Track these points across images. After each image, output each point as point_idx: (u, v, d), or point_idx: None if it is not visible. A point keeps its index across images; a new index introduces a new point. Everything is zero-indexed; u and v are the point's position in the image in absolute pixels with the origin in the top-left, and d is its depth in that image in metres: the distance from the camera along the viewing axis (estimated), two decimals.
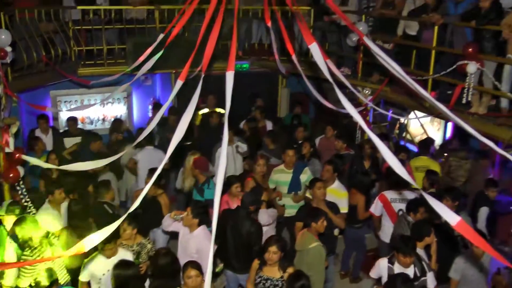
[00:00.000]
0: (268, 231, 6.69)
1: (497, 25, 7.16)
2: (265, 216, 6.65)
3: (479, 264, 5.87)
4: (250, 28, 11.87)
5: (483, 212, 7.57)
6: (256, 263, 5.64)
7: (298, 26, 5.83)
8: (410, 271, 5.55)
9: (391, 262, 5.72)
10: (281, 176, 7.95)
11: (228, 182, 7.03)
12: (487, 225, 7.69)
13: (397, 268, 5.62)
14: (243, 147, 8.96)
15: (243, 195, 6.56)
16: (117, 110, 11.68)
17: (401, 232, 6.66)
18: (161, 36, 5.67)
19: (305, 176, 7.88)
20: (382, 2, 9.54)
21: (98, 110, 11.46)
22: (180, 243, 6.21)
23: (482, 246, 3.12)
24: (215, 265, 6.35)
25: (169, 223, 6.32)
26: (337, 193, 7.33)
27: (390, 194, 7.37)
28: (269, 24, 7.05)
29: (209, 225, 5.96)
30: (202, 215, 6.00)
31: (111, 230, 3.13)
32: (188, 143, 8.98)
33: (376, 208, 7.51)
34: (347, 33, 9.58)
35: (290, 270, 5.49)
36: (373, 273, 5.99)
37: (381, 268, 5.84)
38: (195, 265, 5.16)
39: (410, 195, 7.12)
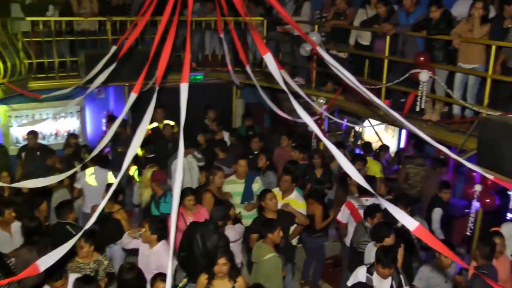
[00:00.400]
0: (233, 247, 6.63)
1: (448, 35, 7.42)
2: (232, 232, 6.55)
3: (444, 274, 5.98)
4: (203, 40, 11.87)
5: (437, 212, 7.76)
6: (203, 277, 5.52)
7: (252, 36, 5.87)
8: (387, 283, 5.56)
9: (369, 272, 5.70)
10: (234, 187, 7.92)
11: (182, 195, 6.94)
12: (443, 228, 7.89)
13: (376, 279, 5.61)
14: (198, 155, 8.93)
15: (213, 209, 6.51)
16: (70, 124, 11.44)
17: (359, 239, 6.78)
18: (114, 48, 5.61)
19: (257, 186, 7.89)
20: (333, 12, 9.71)
21: (51, 125, 11.20)
22: (140, 260, 6.10)
23: (440, 248, 3.21)
24: (175, 279, 6.26)
25: (129, 241, 6.22)
26: (295, 203, 7.33)
27: (356, 201, 7.47)
28: (222, 35, 7.12)
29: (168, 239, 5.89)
30: (161, 230, 5.91)
31: (67, 249, 3.06)
32: (151, 155, 8.94)
33: (343, 215, 7.57)
34: (301, 43, 9.72)
35: (240, 280, 5.48)
36: (350, 282, 5.96)
37: (359, 277, 5.80)
38: (164, 277, 5.11)
39: (376, 202, 7.21)
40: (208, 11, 11.58)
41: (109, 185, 7.22)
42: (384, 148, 10.28)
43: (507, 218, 8.31)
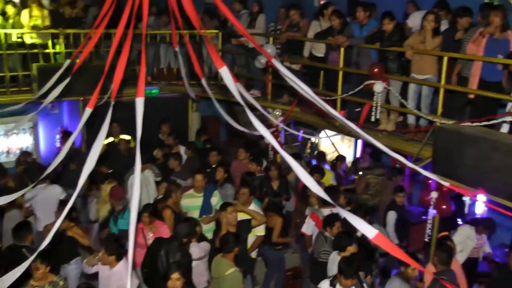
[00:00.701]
0: (199, 265, 6.57)
1: (401, 47, 7.60)
2: (196, 250, 6.46)
3: (410, 284, 6.05)
4: (158, 53, 11.79)
5: (391, 216, 7.95)
6: None
7: (207, 49, 5.87)
8: None
9: (332, 284, 5.69)
10: (191, 201, 7.85)
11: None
12: (401, 235, 8.09)
13: None
14: (155, 170, 8.87)
15: (179, 226, 6.45)
16: (22, 141, 11.13)
17: (319, 248, 6.83)
18: (68, 61, 5.51)
19: (215, 199, 7.85)
20: (287, 25, 9.80)
21: (2, 142, 10.89)
22: (100, 283, 5.98)
23: (399, 255, 3.25)
24: None
25: (89, 268, 6.10)
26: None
27: (319, 213, 7.48)
28: (177, 48, 7.09)
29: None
30: (117, 249, 5.78)
31: (21, 271, 2.96)
32: (109, 171, 8.78)
33: (308, 227, 7.59)
34: (256, 56, 9.78)
35: None
36: None
37: None
38: None
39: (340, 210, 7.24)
40: (162, 24, 11.50)
41: (62, 202, 7.04)
42: (341, 158, 10.38)
43: (459, 223, 8.55)
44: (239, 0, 10.77)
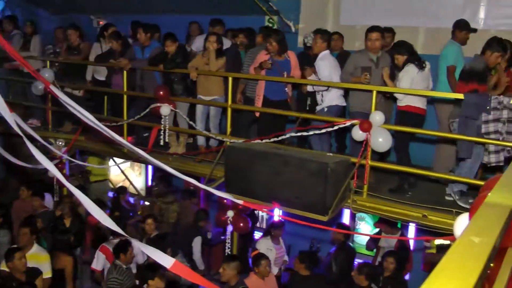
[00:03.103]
0: None
1: (185, 68, 7.70)
2: None
3: None
4: None
5: (196, 242, 8.05)
6: None
7: None
8: None
9: None
10: None
11: None
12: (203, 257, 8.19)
13: None
14: None
15: None
16: None
17: (108, 276, 6.63)
18: None
19: None
20: (67, 47, 9.35)
21: None
22: None
23: (198, 281, 3.27)
24: None
25: None
26: (37, 258, 6.78)
27: (111, 244, 7.19)
28: None
29: None
30: None
31: None
32: None
33: (97, 262, 7.24)
34: (32, 82, 9.14)
35: None
36: None
37: None
38: None
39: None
40: None
41: None
42: (122, 190, 10.28)
43: (255, 237, 8.97)
44: (9, 19, 10.04)
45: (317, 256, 7.69)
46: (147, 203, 10.26)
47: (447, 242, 6.65)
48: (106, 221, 3.19)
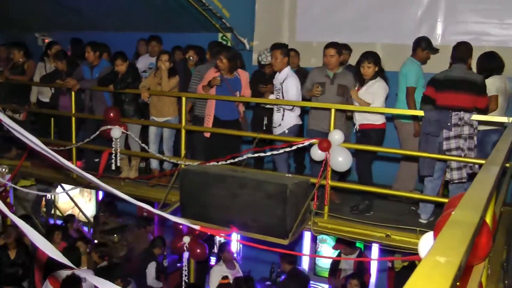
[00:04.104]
0: None
1: (136, 88, 7.61)
2: None
3: None
4: None
5: (151, 267, 8.00)
6: None
7: None
8: None
9: None
10: None
11: None
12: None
13: None
14: None
15: None
16: None
17: None
18: None
19: None
20: (10, 66, 9.10)
21: None
22: None
23: None
24: None
25: None
26: None
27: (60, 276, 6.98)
28: None
29: None
30: None
31: None
32: None
33: None
34: None
35: None
36: None
37: None
38: None
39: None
40: None
41: None
42: (70, 218, 10.11)
43: (211, 263, 8.91)
44: None
45: (253, 281, 7.63)
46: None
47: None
48: (52, 252, 3.07)
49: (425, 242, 2.79)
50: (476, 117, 5.63)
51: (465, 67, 5.98)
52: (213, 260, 9.67)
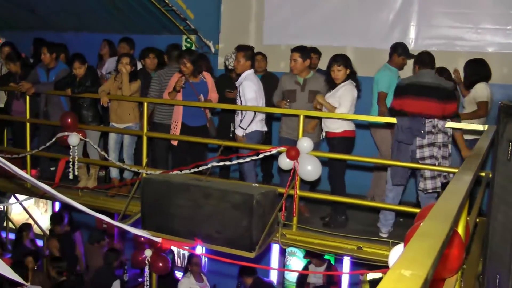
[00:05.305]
0: None
1: (95, 92, 7.52)
2: None
3: None
4: None
5: (116, 286, 7.95)
6: None
7: None
8: None
9: None
10: None
11: None
12: None
13: None
14: None
15: None
16: None
17: None
18: None
19: None
20: None
21: None
22: None
23: None
24: None
25: None
26: None
27: None
28: None
29: None
30: None
31: None
32: None
33: None
34: None
35: None
36: None
37: None
38: None
39: None
40: None
41: None
42: (26, 227, 9.96)
43: (177, 277, 8.85)
44: None
45: None
46: None
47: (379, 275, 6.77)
48: (4, 270, 3.02)
49: (395, 255, 2.81)
50: (450, 124, 5.66)
51: (433, 72, 6.04)
52: (178, 274, 9.59)
